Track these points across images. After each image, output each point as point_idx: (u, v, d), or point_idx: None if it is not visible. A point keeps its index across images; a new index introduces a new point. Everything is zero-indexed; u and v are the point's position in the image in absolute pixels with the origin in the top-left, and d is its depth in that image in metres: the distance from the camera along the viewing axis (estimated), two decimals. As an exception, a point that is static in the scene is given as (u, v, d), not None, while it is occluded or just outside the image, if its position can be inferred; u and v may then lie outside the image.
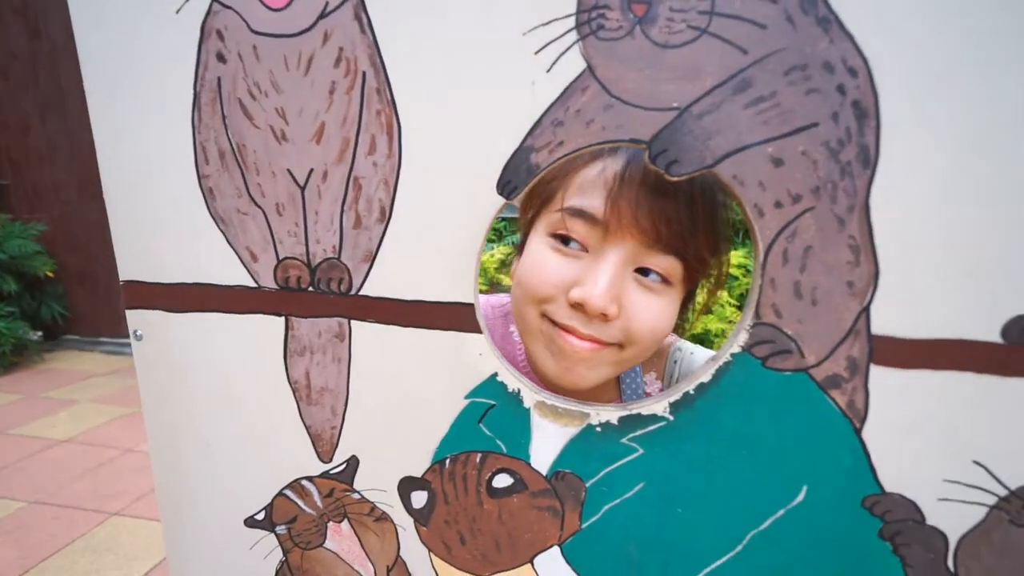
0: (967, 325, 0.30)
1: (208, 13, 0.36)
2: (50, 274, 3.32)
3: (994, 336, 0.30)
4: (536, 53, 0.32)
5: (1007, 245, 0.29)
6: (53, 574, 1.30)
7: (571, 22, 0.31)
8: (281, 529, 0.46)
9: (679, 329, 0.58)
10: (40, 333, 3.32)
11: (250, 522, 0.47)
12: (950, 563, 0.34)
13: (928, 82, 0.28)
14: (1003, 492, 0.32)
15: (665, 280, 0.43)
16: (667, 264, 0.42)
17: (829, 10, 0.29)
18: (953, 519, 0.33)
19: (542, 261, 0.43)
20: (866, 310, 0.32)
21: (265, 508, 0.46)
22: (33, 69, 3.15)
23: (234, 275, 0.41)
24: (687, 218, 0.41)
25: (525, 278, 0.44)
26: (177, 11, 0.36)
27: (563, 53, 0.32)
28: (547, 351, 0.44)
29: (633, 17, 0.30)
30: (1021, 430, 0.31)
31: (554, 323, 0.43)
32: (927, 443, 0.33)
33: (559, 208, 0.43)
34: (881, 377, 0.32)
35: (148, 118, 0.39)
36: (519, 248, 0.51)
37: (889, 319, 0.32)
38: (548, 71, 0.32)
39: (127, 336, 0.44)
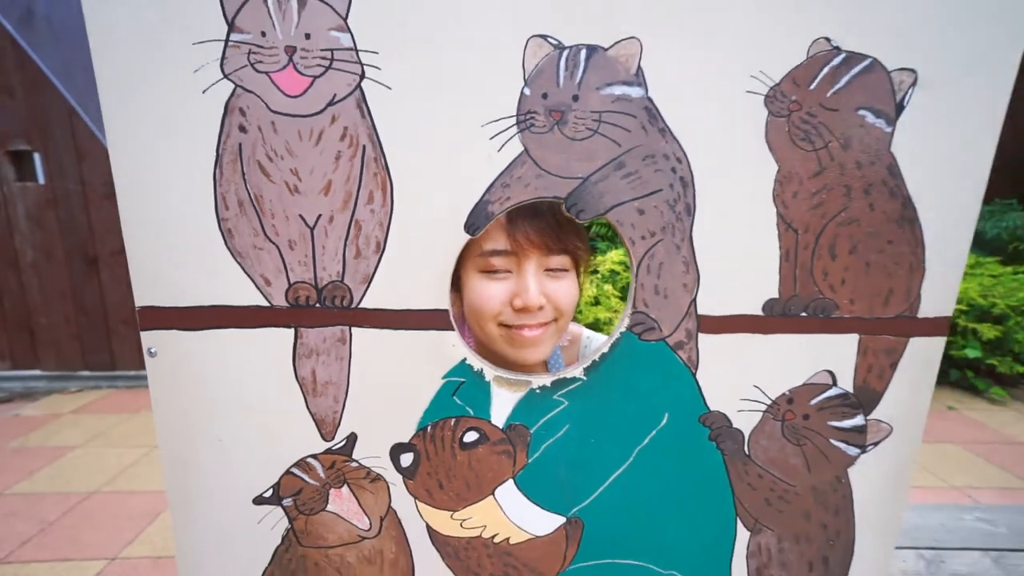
0: (744, 305, 0.51)
1: (232, 95, 0.45)
2: None
3: (757, 311, 0.51)
4: (491, 139, 0.47)
5: (758, 258, 0.50)
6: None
7: (513, 120, 0.46)
8: (287, 502, 0.55)
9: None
10: None
11: (259, 500, 0.55)
12: (747, 449, 0.56)
13: (719, 166, 0.48)
14: (768, 401, 0.54)
15: (564, 269, 0.61)
16: (561, 259, 0.60)
17: (665, 124, 0.47)
18: (745, 422, 0.55)
19: (487, 291, 0.58)
20: (694, 300, 0.51)
21: (273, 486, 0.55)
22: None
23: (248, 297, 0.49)
24: (559, 230, 0.59)
25: (480, 304, 0.59)
26: (204, 91, 0.45)
27: (508, 140, 0.47)
28: (508, 344, 0.60)
29: (552, 120, 0.46)
30: (776, 364, 0.53)
31: (509, 327, 0.58)
32: (725, 375, 0.53)
33: (479, 254, 0.58)
34: (705, 340, 0.52)
35: (171, 171, 0.46)
36: (454, 284, 0.64)
37: (706, 305, 0.51)
38: (499, 151, 0.47)
39: None
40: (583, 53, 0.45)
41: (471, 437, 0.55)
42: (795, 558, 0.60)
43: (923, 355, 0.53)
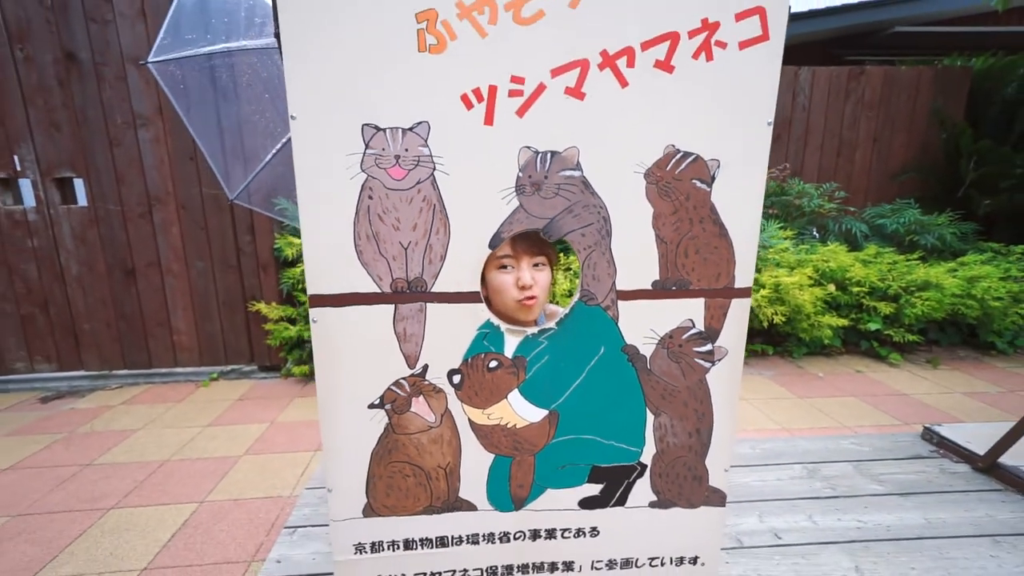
0: (641, 283, 0.90)
1: (365, 180, 0.81)
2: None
3: (648, 286, 0.90)
4: (502, 199, 0.84)
5: (646, 258, 0.89)
6: (84, 551, 1.46)
7: (513, 189, 0.84)
8: (388, 406, 0.92)
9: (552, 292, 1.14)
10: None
11: (371, 405, 0.91)
12: (649, 366, 0.95)
13: (623, 210, 0.86)
14: (658, 338, 0.93)
15: (543, 265, 0.99)
16: (540, 259, 0.98)
17: (593, 189, 0.85)
18: (647, 350, 0.93)
19: (503, 280, 0.96)
20: (614, 282, 0.90)
21: (380, 397, 0.91)
22: None
23: (369, 287, 0.86)
24: (538, 243, 0.96)
25: (500, 287, 0.96)
26: (351, 178, 0.81)
27: (511, 198, 0.84)
28: (518, 311, 0.97)
29: (534, 189, 0.84)
30: (661, 316, 0.92)
31: (519, 301, 0.96)
32: (634, 323, 0.92)
33: (496, 258, 0.95)
34: (622, 304, 0.91)
35: (332, 218, 0.82)
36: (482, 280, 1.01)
37: (621, 283, 0.90)
38: (507, 203, 0.84)
39: (9, 374, 0.86)
40: (549, 155, 0.83)
41: (493, 364, 0.92)
42: (680, 430, 1.00)
43: (740, 308, 0.93)
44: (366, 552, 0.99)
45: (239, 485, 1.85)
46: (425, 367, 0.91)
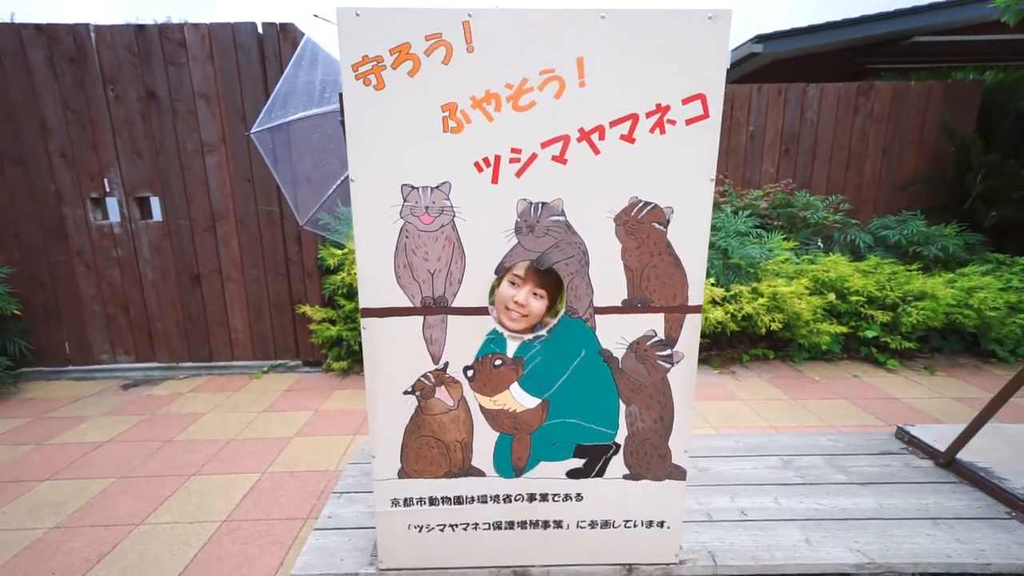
0: (612, 300, 1.13)
1: (403, 225, 1.07)
2: (17, 312, 3.33)
3: (618, 303, 1.13)
4: (505, 237, 1.09)
5: (617, 282, 1.12)
6: (176, 505, 1.79)
7: (513, 230, 1.09)
8: (418, 393, 1.18)
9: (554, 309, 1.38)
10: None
11: (406, 392, 1.17)
12: (620, 366, 1.18)
13: (598, 245, 1.10)
14: (627, 344, 1.16)
15: (543, 296, 1.22)
16: (542, 291, 1.22)
17: (575, 230, 1.09)
18: (619, 353, 1.17)
19: (507, 292, 1.20)
20: (591, 300, 1.13)
21: (412, 385, 1.17)
22: (-10, 128, 3.18)
23: (405, 303, 1.12)
24: (545, 277, 1.20)
25: (502, 296, 1.21)
26: (393, 223, 1.07)
27: (511, 237, 1.09)
28: (505, 316, 1.22)
29: (528, 230, 1.09)
30: (629, 326, 1.15)
31: (508, 307, 1.20)
32: (608, 332, 1.15)
33: (511, 273, 1.20)
34: (598, 317, 1.14)
35: (378, 253, 1.09)
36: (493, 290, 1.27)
37: (598, 301, 1.13)
38: (508, 241, 1.09)
39: (97, 363, 1.16)
40: (540, 205, 1.08)
41: (498, 363, 1.17)
42: (647, 417, 1.22)
43: (693, 322, 1.15)
44: (399, 506, 1.25)
45: (293, 460, 2.16)
46: (446, 364, 1.16)
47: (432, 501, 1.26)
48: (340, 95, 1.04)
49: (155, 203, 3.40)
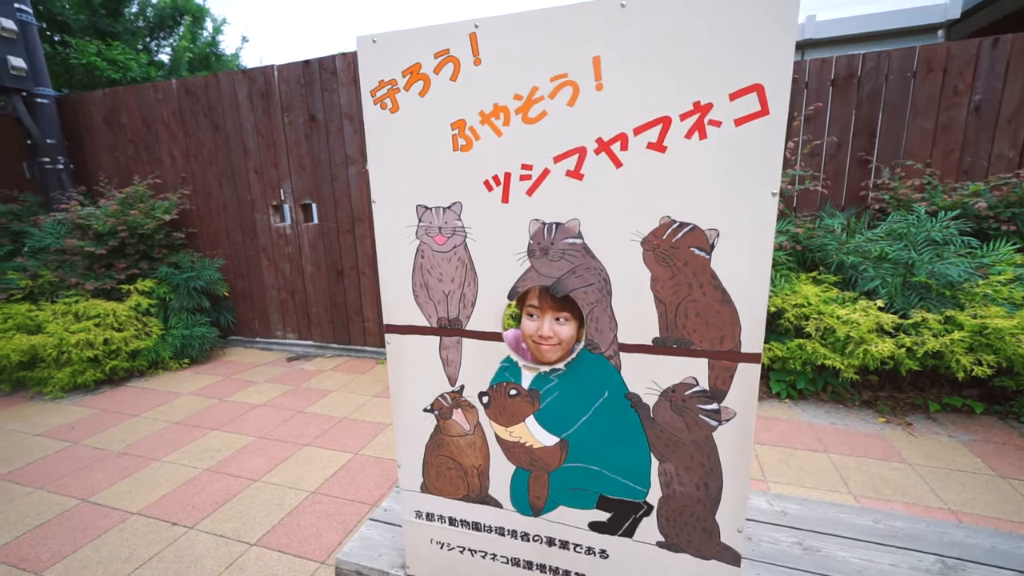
0: (641, 339, 0.97)
1: (419, 245, 1.09)
2: (227, 293, 4.39)
3: (648, 341, 0.96)
4: (517, 260, 1.02)
5: (647, 317, 0.95)
6: (286, 470, 2.15)
7: (526, 253, 1.01)
8: (436, 412, 1.19)
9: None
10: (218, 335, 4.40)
11: (425, 410, 1.19)
12: (652, 414, 1.00)
13: (621, 272, 0.95)
14: (660, 391, 0.98)
15: (566, 319, 1.11)
16: (564, 315, 1.10)
17: (594, 254, 0.96)
18: (650, 399, 0.99)
19: (529, 326, 1.13)
20: (615, 335, 0.99)
21: (431, 404, 1.19)
22: (214, 152, 4.21)
23: (423, 322, 1.13)
24: (562, 302, 1.09)
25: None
26: (410, 243, 1.09)
27: (524, 260, 1.01)
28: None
29: (542, 253, 0.99)
30: (662, 370, 0.97)
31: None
32: (636, 374, 0.99)
33: (527, 306, 1.12)
34: (624, 355, 0.99)
35: (397, 272, 1.12)
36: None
37: (623, 337, 0.98)
38: (520, 265, 1.02)
39: (274, 338, 1.19)
40: (554, 225, 0.97)
41: (513, 392, 1.11)
42: (687, 480, 1.02)
43: (748, 373, 0.92)
44: (423, 519, 1.28)
45: (382, 446, 2.41)
46: (462, 387, 1.15)
47: (452, 521, 1.26)
48: (368, 120, 1.08)
49: (314, 208, 4.10)
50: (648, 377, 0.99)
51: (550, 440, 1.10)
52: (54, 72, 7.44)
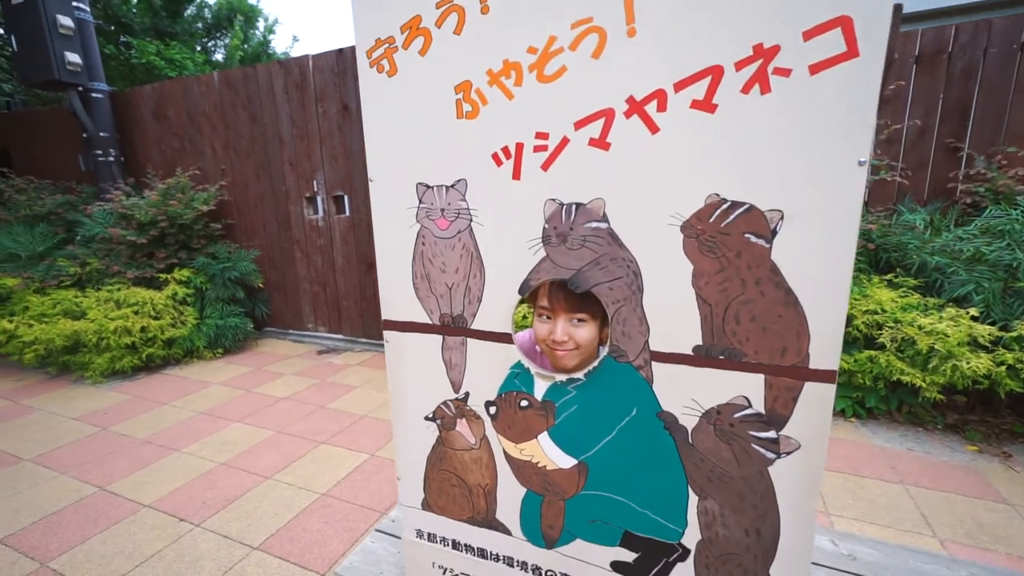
0: (680, 347, 0.80)
1: (419, 230, 0.96)
2: (261, 285, 4.48)
3: (688, 350, 0.79)
4: (530, 249, 0.87)
5: (686, 319, 0.78)
6: (299, 468, 2.10)
7: (540, 240, 0.86)
8: (438, 421, 1.06)
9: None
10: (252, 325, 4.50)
11: (427, 418, 1.07)
12: (690, 440, 0.83)
13: (656, 264, 0.78)
14: (701, 411, 0.80)
15: (584, 320, 0.95)
16: (582, 315, 0.94)
17: (621, 242, 0.80)
18: (688, 422, 0.82)
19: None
20: (647, 341, 0.82)
21: (433, 412, 1.06)
22: (251, 144, 4.30)
23: (424, 319, 1.01)
24: (578, 300, 0.92)
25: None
26: (410, 227, 0.97)
27: (538, 248, 0.86)
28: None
29: (560, 240, 0.84)
30: (705, 386, 0.79)
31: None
32: (672, 389, 0.82)
33: (537, 306, 0.97)
34: (656, 366, 0.82)
35: (396, 261, 1.00)
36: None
37: (656, 344, 0.81)
38: (534, 254, 0.87)
39: (306, 331, 1.08)
40: (574, 207, 0.82)
41: (524, 403, 0.96)
42: (733, 523, 0.84)
43: (817, 395, 0.73)
44: (424, 539, 1.16)
45: (399, 449, 2.32)
46: (467, 394, 1.01)
47: (456, 545, 1.13)
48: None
49: (346, 200, 4.10)
50: (687, 394, 0.81)
51: (566, 462, 0.95)
52: (119, 72, 7.95)
